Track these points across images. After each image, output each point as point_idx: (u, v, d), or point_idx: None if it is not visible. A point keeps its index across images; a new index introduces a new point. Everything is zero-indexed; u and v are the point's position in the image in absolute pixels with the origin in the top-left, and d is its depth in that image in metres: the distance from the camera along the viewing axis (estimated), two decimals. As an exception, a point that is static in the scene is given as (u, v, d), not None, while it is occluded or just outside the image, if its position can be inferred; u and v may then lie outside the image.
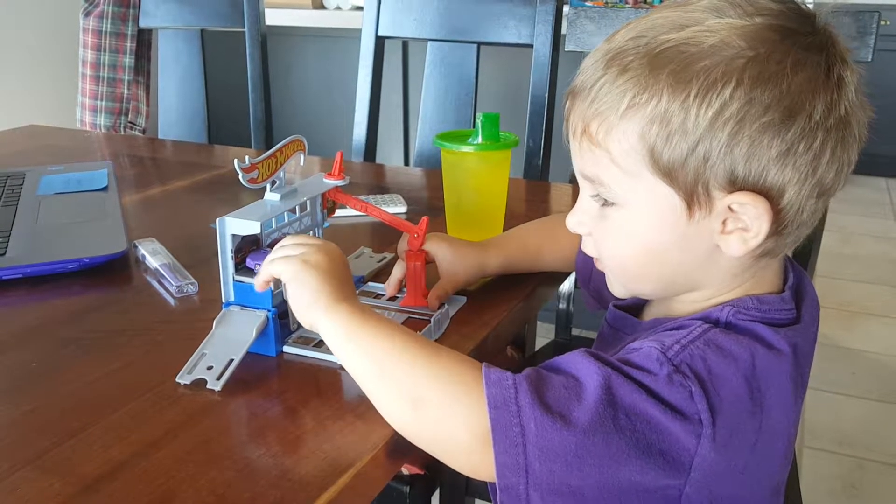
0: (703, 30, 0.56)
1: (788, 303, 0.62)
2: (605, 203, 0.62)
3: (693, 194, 0.57)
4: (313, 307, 0.62)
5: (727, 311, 0.60)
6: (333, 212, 0.83)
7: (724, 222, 0.58)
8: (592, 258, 0.69)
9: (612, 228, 0.63)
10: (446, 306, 0.78)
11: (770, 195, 0.57)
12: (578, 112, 0.60)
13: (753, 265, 0.62)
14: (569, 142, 0.64)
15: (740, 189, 0.56)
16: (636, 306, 0.73)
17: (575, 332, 1.45)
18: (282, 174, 0.75)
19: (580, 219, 0.66)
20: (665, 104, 0.55)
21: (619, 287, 0.68)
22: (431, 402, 0.57)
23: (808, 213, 0.59)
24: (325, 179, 0.80)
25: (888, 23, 3.84)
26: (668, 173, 0.57)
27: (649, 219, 0.60)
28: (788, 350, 0.58)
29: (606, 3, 2.79)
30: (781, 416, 0.58)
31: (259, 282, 0.67)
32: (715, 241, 0.59)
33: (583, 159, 0.62)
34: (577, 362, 0.56)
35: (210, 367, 0.67)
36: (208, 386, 0.65)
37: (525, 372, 0.56)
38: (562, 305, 1.42)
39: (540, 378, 0.56)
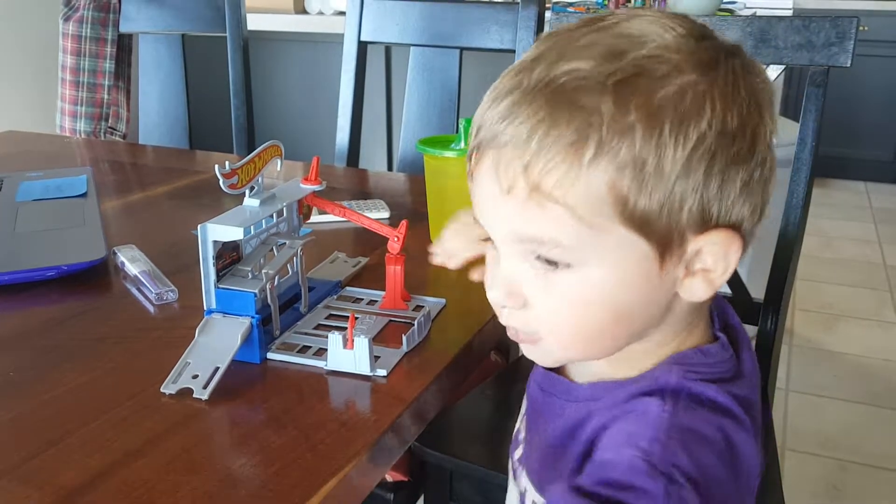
0: (652, 55, 0.49)
1: (728, 348, 0.57)
2: (549, 267, 0.52)
3: (668, 243, 0.51)
4: None
5: (675, 373, 0.54)
6: (309, 217, 0.83)
7: (686, 266, 0.53)
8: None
9: (563, 295, 0.53)
10: (427, 309, 0.78)
11: (738, 230, 0.52)
12: (512, 166, 0.50)
13: (700, 308, 0.57)
14: (479, 200, 0.55)
15: (714, 227, 0.51)
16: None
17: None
18: (260, 179, 0.75)
19: (508, 290, 0.55)
20: (638, 146, 0.47)
21: (551, 359, 0.59)
22: None
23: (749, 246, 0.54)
24: (301, 185, 0.80)
25: (867, 28, 3.88)
26: (642, 224, 0.50)
27: (616, 277, 0.52)
28: (747, 417, 0.55)
29: (588, 8, 2.81)
30: (749, 477, 0.55)
31: None
32: (676, 289, 0.53)
33: (522, 218, 0.51)
34: None
35: (195, 376, 0.66)
36: (195, 395, 0.64)
37: None
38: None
39: None
